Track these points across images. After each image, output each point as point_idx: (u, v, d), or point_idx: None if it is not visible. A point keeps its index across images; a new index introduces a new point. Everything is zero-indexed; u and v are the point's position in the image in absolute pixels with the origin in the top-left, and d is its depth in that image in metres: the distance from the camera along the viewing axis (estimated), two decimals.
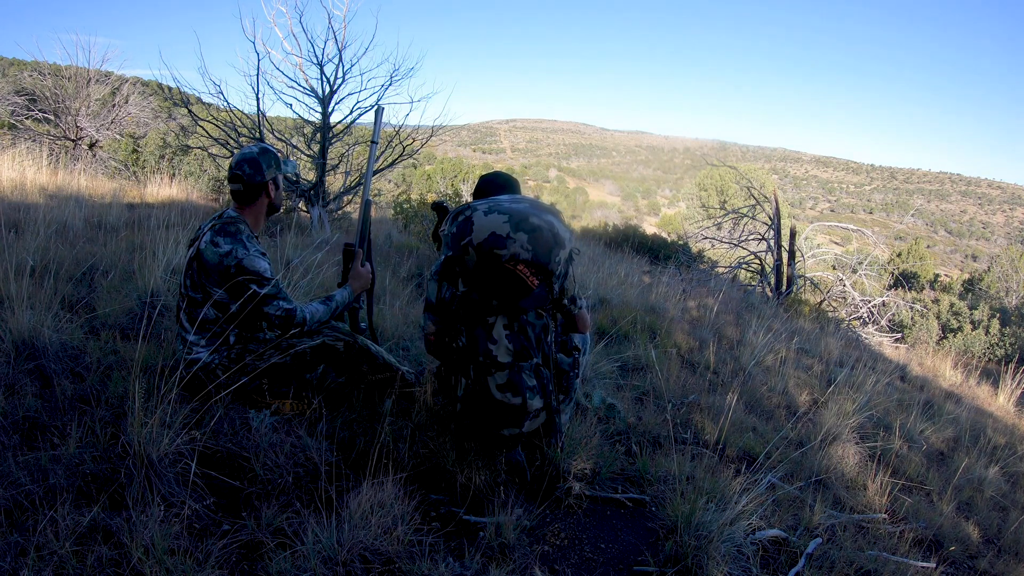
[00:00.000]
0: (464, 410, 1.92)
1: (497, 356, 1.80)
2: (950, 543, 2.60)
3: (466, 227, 1.73)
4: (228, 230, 2.01)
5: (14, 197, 4.74)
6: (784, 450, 2.78)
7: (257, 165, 2.05)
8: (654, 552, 1.92)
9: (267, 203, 2.13)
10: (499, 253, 1.68)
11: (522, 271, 1.69)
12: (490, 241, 1.68)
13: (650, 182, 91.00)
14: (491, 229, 1.69)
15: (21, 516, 1.44)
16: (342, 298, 2.20)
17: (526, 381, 1.83)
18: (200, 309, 1.98)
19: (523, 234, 1.69)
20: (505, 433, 1.89)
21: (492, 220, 1.70)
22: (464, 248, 1.71)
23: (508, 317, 1.81)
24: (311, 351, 2.11)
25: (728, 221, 13.48)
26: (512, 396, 1.82)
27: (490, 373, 1.82)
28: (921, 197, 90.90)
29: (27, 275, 2.40)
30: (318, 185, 6.60)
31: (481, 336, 1.81)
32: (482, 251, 1.69)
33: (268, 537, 1.55)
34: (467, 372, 1.88)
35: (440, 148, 33.98)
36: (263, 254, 2.05)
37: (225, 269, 1.95)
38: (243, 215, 2.09)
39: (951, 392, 5.83)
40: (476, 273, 1.74)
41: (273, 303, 2.00)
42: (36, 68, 11.29)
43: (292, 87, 6.46)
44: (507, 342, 1.81)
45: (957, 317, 12.09)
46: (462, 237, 1.72)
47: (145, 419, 1.60)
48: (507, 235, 1.68)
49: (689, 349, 4.46)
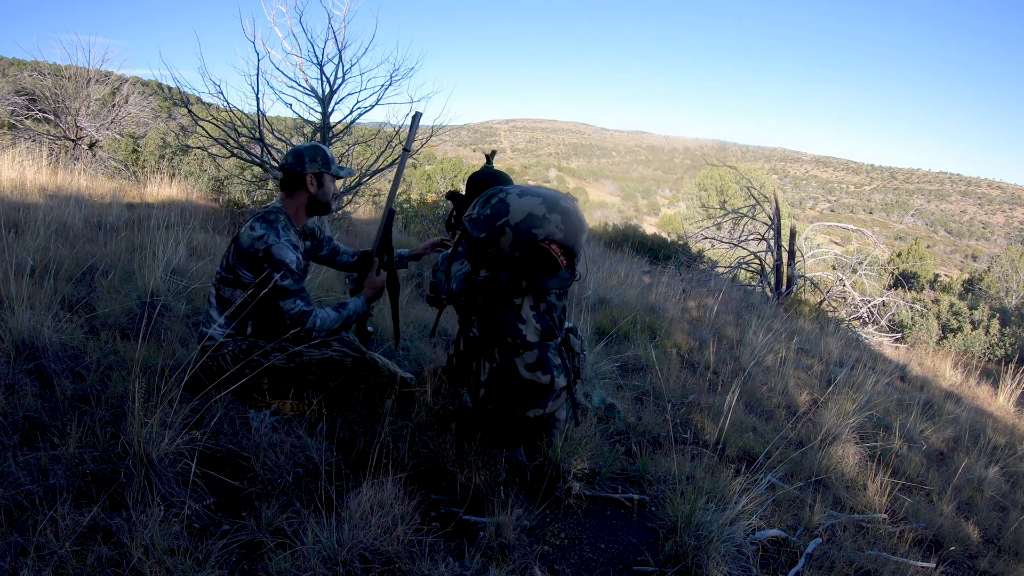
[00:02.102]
0: (487, 395, 1.95)
1: (526, 336, 1.87)
2: (950, 543, 2.60)
3: (502, 208, 1.78)
4: (267, 217, 2.07)
5: (14, 197, 4.74)
6: (784, 450, 2.79)
7: (300, 157, 2.10)
8: (654, 552, 1.92)
9: (307, 197, 2.14)
10: (535, 232, 1.75)
11: (554, 250, 1.77)
12: (528, 221, 1.75)
13: (650, 182, 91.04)
14: (528, 210, 1.76)
15: (21, 516, 1.44)
16: (355, 307, 2.20)
17: (552, 360, 1.90)
18: (227, 288, 2.05)
19: (557, 215, 1.77)
20: (530, 415, 1.93)
21: (528, 201, 1.78)
22: (500, 228, 1.76)
23: (534, 298, 1.90)
24: (316, 363, 2.11)
25: (728, 221, 13.49)
26: (541, 374, 1.88)
27: (518, 353, 1.87)
28: (921, 197, 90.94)
29: (27, 275, 2.40)
30: None
31: (508, 317, 1.86)
32: (519, 230, 1.75)
33: (268, 537, 1.55)
34: (491, 356, 1.93)
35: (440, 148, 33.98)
36: (295, 246, 2.07)
37: (254, 253, 1.99)
38: (285, 206, 2.14)
39: (951, 392, 5.83)
40: (510, 253, 1.79)
41: (290, 299, 2.01)
42: (36, 68, 11.28)
43: (292, 87, 6.44)
44: (535, 322, 1.89)
45: (957, 317, 12.09)
46: (498, 218, 1.77)
47: (145, 419, 1.60)
48: (543, 215, 1.76)
49: (689, 349, 4.46)
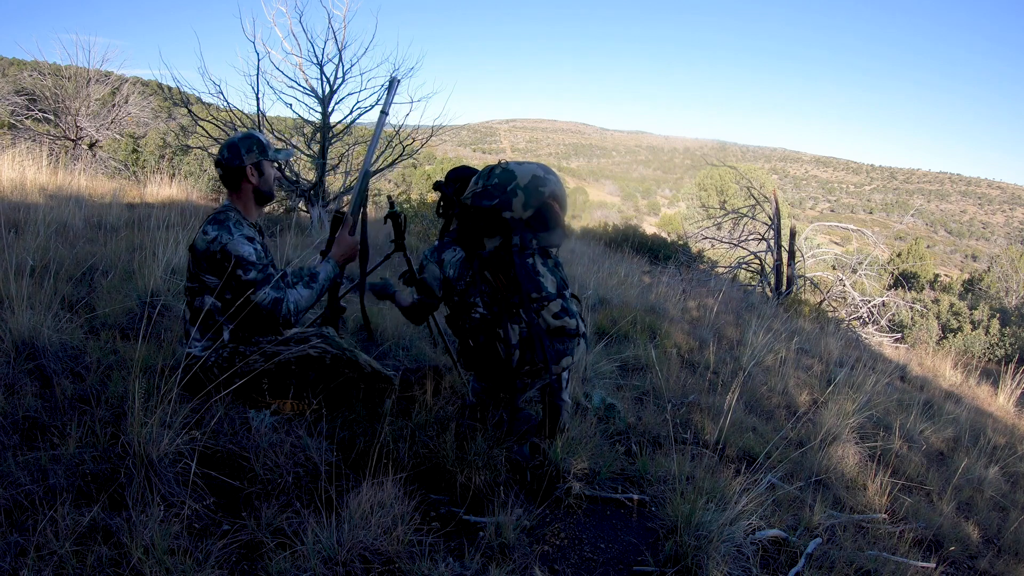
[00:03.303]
0: (522, 357, 2.05)
1: (547, 287, 2.02)
2: (950, 543, 2.60)
3: (508, 176, 1.98)
4: (218, 218, 2.03)
5: (14, 197, 4.74)
6: (784, 450, 2.79)
7: (236, 150, 2.05)
8: (654, 552, 1.92)
9: (251, 189, 2.10)
10: (542, 190, 1.98)
11: (555, 207, 2.01)
12: (534, 182, 1.98)
13: (650, 182, 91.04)
14: (531, 172, 2.00)
15: (21, 516, 1.44)
16: (326, 275, 2.16)
17: (571, 307, 2.09)
18: (196, 299, 2.02)
19: (553, 176, 2.04)
20: (564, 365, 2.06)
21: (527, 167, 2.02)
22: (512, 191, 1.96)
23: (542, 255, 2.05)
24: (295, 361, 2.07)
25: (728, 221, 13.49)
26: (569, 319, 2.05)
27: (544, 306, 2.02)
28: (921, 197, 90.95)
29: (27, 275, 2.40)
30: (318, 185, 6.60)
31: (527, 276, 1.99)
32: (529, 190, 1.97)
33: (268, 537, 1.55)
34: (517, 318, 2.04)
35: (440, 148, 33.95)
36: (249, 239, 2.03)
37: (211, 256, 1.96)
38: (233, 203, 2.11)
39: (951, 392, 5.83)
40: (522, 212, 1.97)
41: (260, 290, 1.98)
42: (36, 68, 11.29)
43: (292, 87, 6.48)
44: (550, 275, 2.05)
45: (957, 317, 12.09)
46: (508, 183, 1.97)
47: (145, 419, 1.60)
48: (544, 176, 2.01)
49: (689, 349, 4.46)
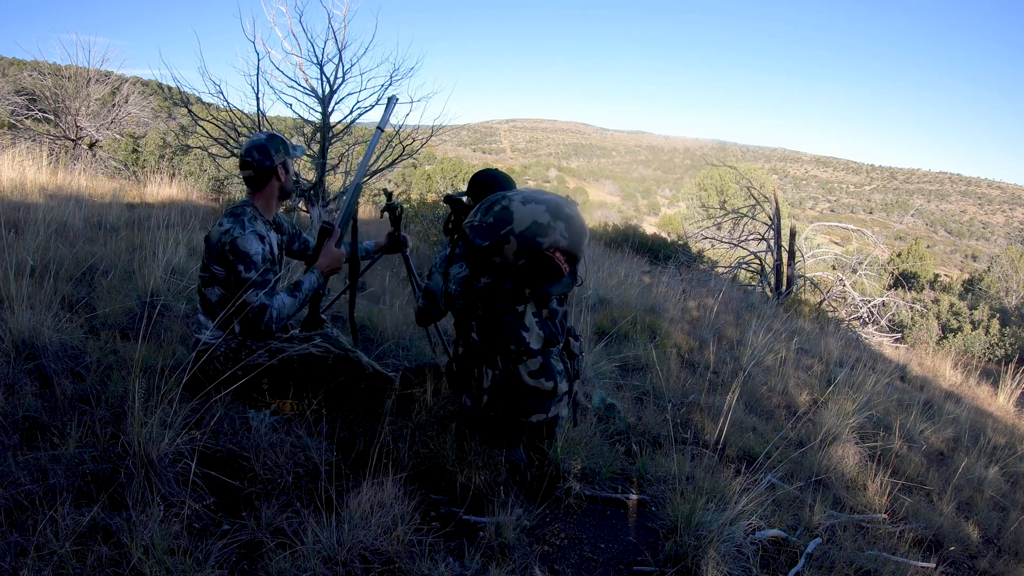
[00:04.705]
0: (491, 401, 1.95)
1: (530, 343, 1.86)
2: (950, 543, 2.60)
3: (506, 216, 1.77)
4: (235, 212, 2.09)
5: (14, 197, 4.74)
6: (784, 450, 2.78)
7: (266, 151, 2.10)
8: (654, 552, 1.92)
9: (278, 187, 2.17)
10: (540, 241, 1.75)
11: (558, 258, 1.78)
12: (532, 230, 1.75)
13: (650, 182, 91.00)
14: (532, 218, 1.75)
15: (21, 516, 1.44)
16: (310, 284, 2.17)
17: (555, 366, 1.91)
18: (206, 288, 2.06)
19: (561, 223, 1.78)
20: (533, 420, 1.93)
21: (532, 209, 1.77)
22: (504, 237, 1.75)
23: (536, 305, 1.90)
24: (298, 359, 2.09)
25: (728, 221, 13.49)
26: (545, 381, 1.88)
27: (522, 361, 1.87)
28: (921, 197, 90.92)
29: (27, 275, 2.40)
30: (318, 185, 6.60)
31: (512, 324, 1.85)
32: (524, 239, 1.75)
33: (268, 537, 1.55)
34: (493, 363, 1.93)
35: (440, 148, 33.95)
36: (260, 237, 2.06)
37: (220, 247, 2.00)
38: (254, 200, 2.15)
39: (951, 392, 5.83)
40: (514, 261, 1.78)
41: (252, 291, 2.00)
42: (36, 68, 11.28)
43: (292, 87, 6.46)
44: (538, 329, 1.89)
45: (957, 317, 12.08)
46: (502, 226, 1.76)
47: (145, 419, 1.60)
48: (547, 223, 1.76)
49: (689, 349, 4.46)
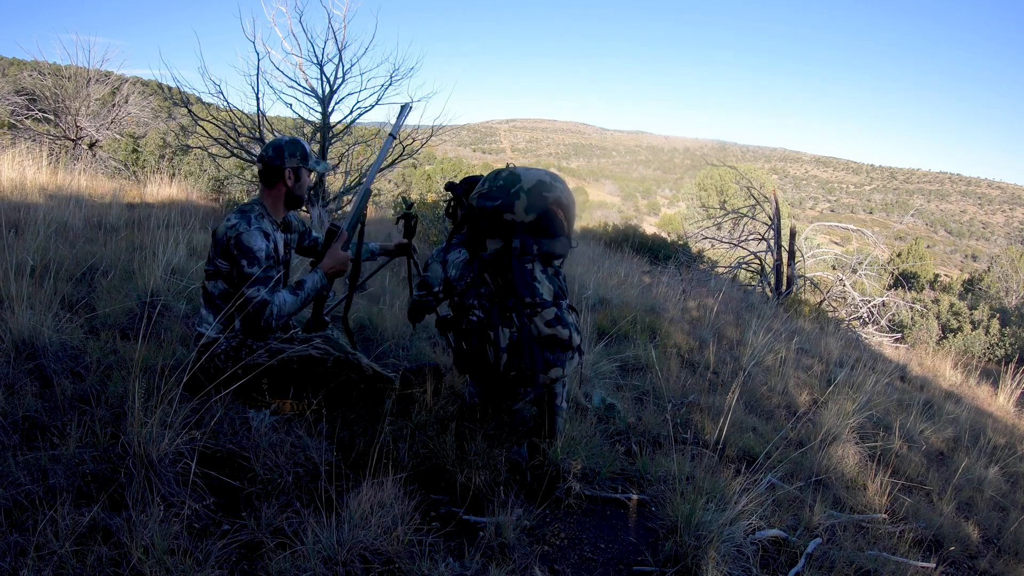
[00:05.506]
0: (510, 361, 2.01)
1: (542, 293, 1.97)
2: (950, 543, 2.60)
3: (514, 179, 1.99)
4: (243, 208, 2.11)
5: (14, 197, 4.74)
6: (784, 450, 2.78)
7: (280, 151, 2.13)
8: (654, 552, 1.92)
9: (284, 191, 2.17)
10: (546, 196, 1.96)
11: (560, 215, 1.99)
12: (539, 187, 1.97)
13: (650, 182, 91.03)
14: (537, 178, 1.99)
15: (21, 516, 1.44)
16: (312, 284, 2.17)
17: (567, 317, 2.01)
18: (210, 282, 2.08)
19: (560, 183, 2.02)
20: (552, 375, 1.99)
21: (535, 172, 2.02)
22: (515, 194, 1.95)
23: (542, 263, 2.03)
24: (297, 360, 2.09)
25: (728, 221, 13.49)
26: (561, 328, 1.96)
27: (537, 312, 1.96)
28: (921, 197, 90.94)
29: (27, 275, 2.40)
30: (318, 185, 6.60)
31: (523, 280, 1.96)
32: (532, 194, 1.96)
33: (268, 537, 1.55)
34: (509, 322, 2.01)
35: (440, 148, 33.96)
36: (265, 235, 2.08)
37: (226, 241, 2.01)
38: (263, 199, 2.17)
39: (951, 392, 5.83)
40: (524, 216, 1.95)
41: (254, 287, 2.00)
42: (36, 68, 11.27)
43: (292, 87, 6.47)
44: (547, 282, 2.02)
45: (957, 317, 12.08)
46: (512, 185, 1.97)
47: (145, 419, 1.60)
48: (550, 182, 1.99)
49: (689, 349, 4.46)
